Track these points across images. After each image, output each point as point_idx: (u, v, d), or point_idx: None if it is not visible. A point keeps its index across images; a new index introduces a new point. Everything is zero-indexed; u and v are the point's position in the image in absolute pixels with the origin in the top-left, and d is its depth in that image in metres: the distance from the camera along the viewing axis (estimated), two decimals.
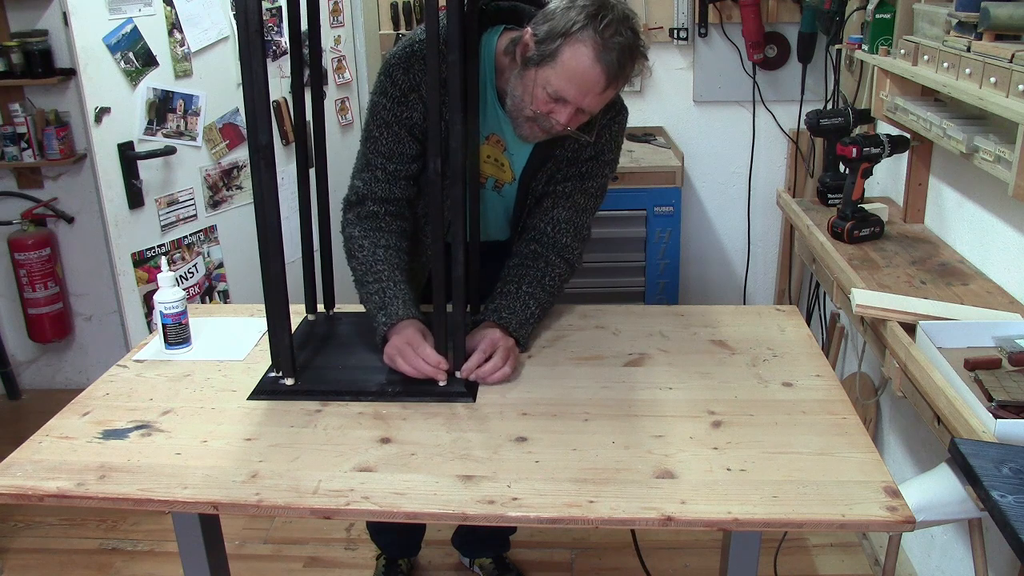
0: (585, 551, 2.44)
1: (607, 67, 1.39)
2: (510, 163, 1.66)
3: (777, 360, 1.56)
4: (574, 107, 1.44)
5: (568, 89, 1.41)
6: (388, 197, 1.61)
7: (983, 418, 1.31)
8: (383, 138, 1.58)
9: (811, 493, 1.17)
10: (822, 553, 2.42)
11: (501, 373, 1.47)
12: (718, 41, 3.18)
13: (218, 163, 2.66)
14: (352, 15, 3.18)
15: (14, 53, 2.85)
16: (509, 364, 1.49)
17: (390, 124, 1.56)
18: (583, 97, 1.43)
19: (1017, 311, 1.69)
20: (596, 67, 1.39)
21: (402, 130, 1.57)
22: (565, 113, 1.45)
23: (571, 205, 1.66)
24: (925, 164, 2.19)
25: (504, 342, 1.51)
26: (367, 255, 1.58)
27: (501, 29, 1.57)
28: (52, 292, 3.13)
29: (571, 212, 1.66)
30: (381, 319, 1.52)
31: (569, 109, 1.44)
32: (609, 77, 1.40)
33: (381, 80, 1.56)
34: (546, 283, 1.63)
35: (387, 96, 1.55)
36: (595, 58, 1.38)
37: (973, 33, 1.67)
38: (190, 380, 1.52)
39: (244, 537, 2.53)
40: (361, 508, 1.18)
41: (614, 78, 1.41)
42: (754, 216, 3.40)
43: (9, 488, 1.22)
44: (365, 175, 1.61)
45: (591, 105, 1.45)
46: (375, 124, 1.58)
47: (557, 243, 1.66)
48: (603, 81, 1.40)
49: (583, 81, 1.40)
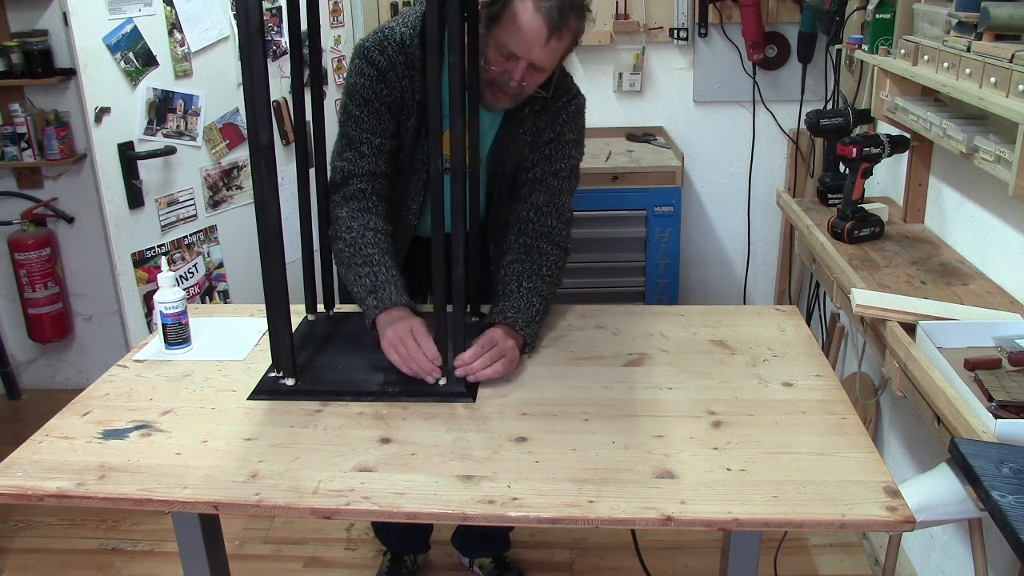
0: (585, 551, 2.44)
1: (547, 16, 1.46)
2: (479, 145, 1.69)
3: (777, 360, 1.56)
4: (525, 62, 1.52)
5: (515, 43, 1.49)
6: (375, 171, 1.66)
7: (983, 418, 1.31)
8: (364, 115, 1.63)
9: (811, 493, 1.17)
10: (822, 553, 2.42)
11: (492, 370, 1.47)
12: (718, 41, 3.18)
13: (218, 163, 2.66)
14: (352, 15, 3.19)
15: (14, 53, 2.85)
16: (501, 363, 1.48)
17: (370, 101, 1.62)
18: (530, 50, 1.50)
19: (1017, 311, 1.69)
20: (536, 17, 1.47)
21: (382, 107, 1.63)
22: (518, 69, 1.53)
23: (545, 188, 1.72)
24: (925, 164, 2.19)
25: (503, 342, 1.51)
26: (356, 237, 1.61)
27: None
28: (52, 292, 3.13)
29: (548, 195, 1.71)
30: (372, 303, 1.55)
31: (521, 65, 1.52)
32: (551, 26, 1.47)
33: (357, 63, 1.62)
34: (544, 274, 1.66)
35: (365, 76, 1.61)
36: (534, 9, 1.46)
37: (973, 33, 1.67)
38: (190, 380, 1.52)
39: (244, 537, 2.53)
40: (361, 508, 1.18)
41: (556, 27, 1.48)
42: (754, 216, 3.40)
43: (9, 488, 1.22)
44: (349, 154, 1.65)
45: (540, 58, 1.52)
46: (354, 104, 1.63)
47: (543, 228, 1.70)
48: (545, 30, 1.48)
49: (527, 33, 1.48)
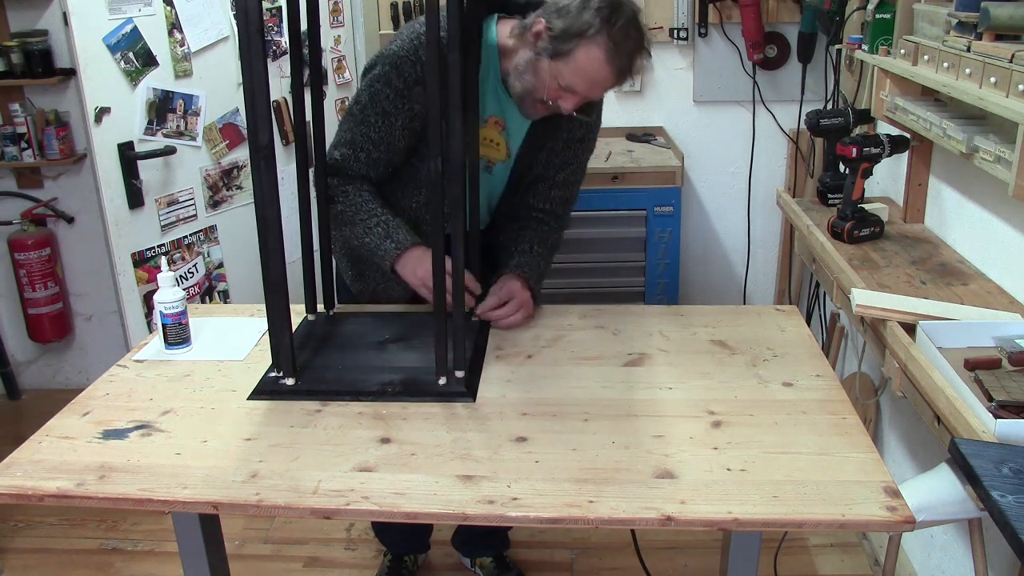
0: (585, 551, 2.44)
1: (618, 69, 1.50)
2: (507, 142, 1.71)
3: (777, 360, 1.56)
4: (582, 97, 1.55)
5: (579, 85, 1.52)
6: (364, 176, 1.68)
7: (983, 418, 1.31)
8: (377, 125, 1.62)
9: (811, 493, 1.17)
10: (822, 553, 2.42)
11: (513, 319, 1.65)
12: (718, 41, 3.18)
13: (218, 163, 2.66)
14: (352, 15, 3.18)
15: (14, 53, 2.85)
16: (522, 313, 1.66)
17: (389, 114, 1.61)
18: (591, 91, 1.54)
19: (1017, 311, 1.69)
20: (607, 68, 1.49)
21: (399, 121, 1.61)
22: (573, 101, 1.55)
23: (564, 185, 1.81)
24: (925, 164, 2.19)
25: (521, 294, 1.67)
26: (353, 198, 1.66)
27: (496, 17, 1.63)
28: (52, 292, 3.13)
29: (564, 191, 1.82)
30: (389, 246, 1.62)
31: (577, 99, 1.55)
32: (617, 76, 1.52)
33: (386, 71, 1.58)
34: (550, 244, 1.81)
35: (391, 87, 1.59)
36: (607, 60, 1.48)
37: (973, 33, 1.67)
38: (190, 380, 1.52)
39: (244, 537, 2.53)
40: (361, 508, 1.18)
41: (622, 77, 1.53)
42: (754, 216, 3.40)
43: (9, 488, 1.22)
44: (346, 151, 1.66)
45: (596, 96, 1.58)
46: (373, 111, 1.61)
47: (555, 214, 1.83)
48: (612, 79, 1.52)
49: (594, 80, 1.51)
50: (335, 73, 3.10)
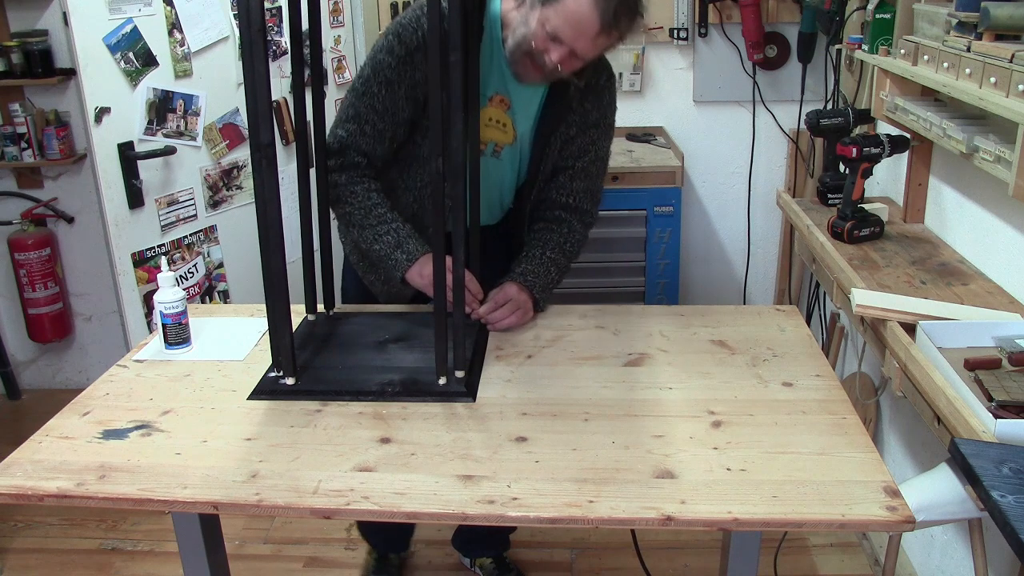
0: (585, 551, 2.44)
1: (603, 13, 1.46)
2: (513, 123, 1.70)
3: (777, 360, 1.56)
4: (568, 48, 1.51)
5: (564, 29, 1.48)
6: (370, 152, 1.66)
7: (983, 418, 1.31)
8: (380, 95, 1.61)
9: (811, 493, 1.17)
10: (822, 553, 2.42)
11: (508, 321, 1.65)
12: (718, 41, 3.18)
13: (218, 163, 2.66)
14: (352, 15, 3.18)
15: (14, 53, 2.85)
16: (516, 316, 1.66)
17: (392, 83, 1.60)
18: (576, 39, 1.49)
19: (1017, 311, 1.69)
20: (593, 11, 1.46)
21: (401, 90, 1.61)
22: (558, 52, 1.51)
23: (586, 175, 1.78)
24: (925, 164, 2.19)
25: (518, 296, 1.67)
26: (362, 200, 1.65)
27: None
28: (52, 292, 3.13)
29: (587, 182, 1.79)
30: (401, 256, 1.62)
31: (563, 50, 1.51)
32: (603, 23, 1.47)
33: (389, 40, 1.59)
34: (567, 248, 1.78)
35: (393, 55, 1.59)
36: (593, 3, 1.45)
37: (973, 33, 1.67)
38: (190, 380, 1.52)
39: (244, 537, 2.53)
40: (361, 508, 1.18)
41: (607, 26, 1.48)
42: (754, 216, 3.40)
43: (9, 488, 1.22)
44: (351, 126, 1.65)
45: (583, 49, 1.51)
46: (376, 80, 1.61)
47: (579, 210, 1.80)
48: (596, 25, 1.47)
49: (579, 23, 1.47)
50: (335, 73, 3.10)
